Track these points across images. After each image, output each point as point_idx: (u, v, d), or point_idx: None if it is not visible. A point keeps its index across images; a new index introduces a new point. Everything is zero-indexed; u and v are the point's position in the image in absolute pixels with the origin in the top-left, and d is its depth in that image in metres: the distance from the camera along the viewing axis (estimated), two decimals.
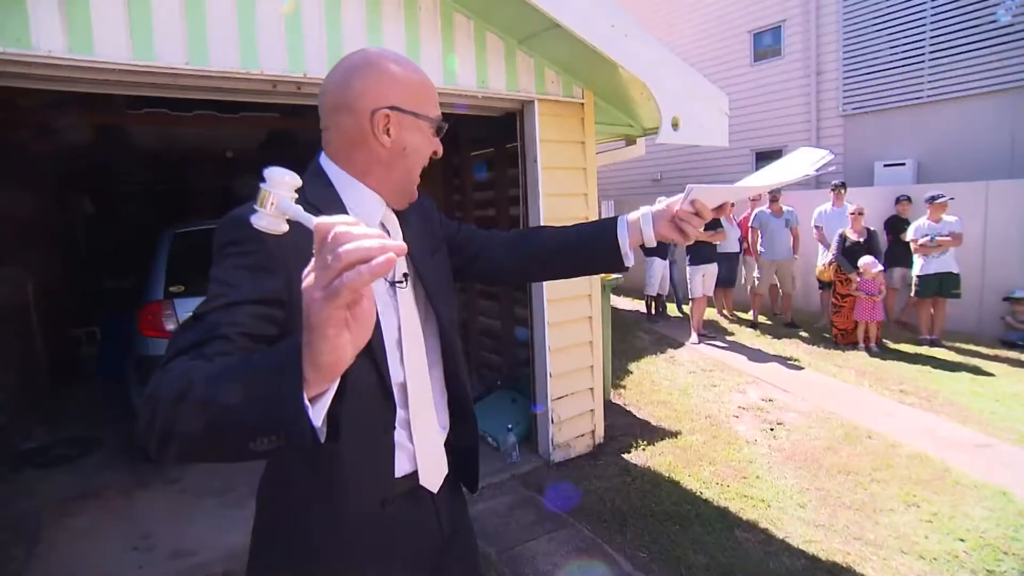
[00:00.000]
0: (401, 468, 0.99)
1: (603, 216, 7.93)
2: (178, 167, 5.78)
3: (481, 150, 4.82)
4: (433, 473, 1.03)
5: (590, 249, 1.12)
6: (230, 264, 0.82)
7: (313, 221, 0.57)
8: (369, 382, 0.92)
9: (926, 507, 2.99)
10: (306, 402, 0.60)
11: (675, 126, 3.22)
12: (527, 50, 3.18)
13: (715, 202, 1.02)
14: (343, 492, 0.92)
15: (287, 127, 4.21)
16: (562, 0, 2.72)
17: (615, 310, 8.54)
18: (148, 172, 5.98)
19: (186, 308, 3.32)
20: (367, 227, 0.56)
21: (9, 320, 4.26)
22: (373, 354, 0.91)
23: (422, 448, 1.01)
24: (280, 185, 0.64)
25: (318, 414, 0.63)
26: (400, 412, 0.98)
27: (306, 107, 3.31)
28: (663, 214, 1.06)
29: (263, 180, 0.64)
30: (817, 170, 1.06)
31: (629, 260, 1.11)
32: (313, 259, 0.56)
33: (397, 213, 1.05)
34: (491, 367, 5.02)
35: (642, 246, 1.10)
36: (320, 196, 0.93)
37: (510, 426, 3.71)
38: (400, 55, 0.96)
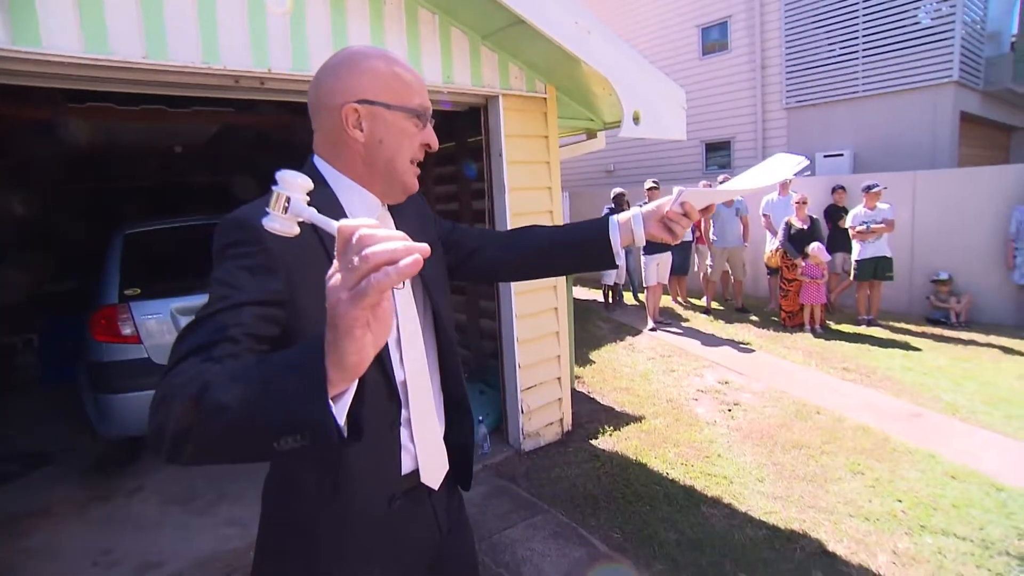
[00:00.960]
0: (405, 466, 1.00)
1: (564, 208, 7.87)
2: (122, 162, 5.47)
3: (444, 144, 4.80)
4: (434, 471, 1.05)
5: (583, 248, 1.16)
6: (232, 266, 0.82)
7: (333, 224, 0.59)
8: (375, 380, 0.93)
9: (869, 474, 3.25)
10: (330, 402, 0.62)
11: (636, 120, 3.32)
12: (492, 46, 3.20)
13: (702, 204, 1.08)
14: (351, 490, 0.93)
15: (240, 122, 4.06)
16: None
17: (574, 300, 8.71)
18: (89, 169, 5.63)
19: (144, 312, 3.17)
20: (389, 229, 0.58)
21: None
22: (379, 353, 0.92)
23: (423, 446, 1.02)
24: (293, 187, 0.65)
25: (340, 413, 0.64)
26: (403, 410, 0.99)
27: (264, 102, 3.23)
28: (653, 215, 1.10)
29: (275, 183, 0.65)
30: (796, 174, 1.14)
31: (620, 259, 1.16)
32: (336, 261, 0.58)
33: (392, 210, 1.06)
34: None
35: None
36: (317, 197, 0.93)
37: (480, 418, 3.76)
38: (379, 49, 0.96)
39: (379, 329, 0.61)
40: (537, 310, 3.69)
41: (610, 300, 8.02)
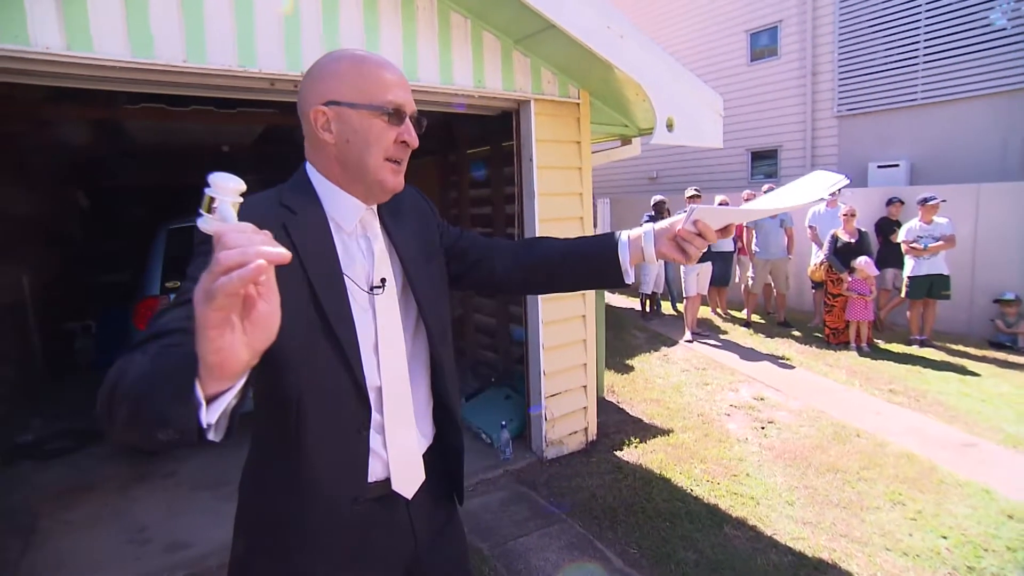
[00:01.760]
0: (375, 473, 0.99)
1: (597, 215, 7.91)
2: (175, 162, 5.77)
3: (478, 148, 4.85)
4: (407, 480, 1.03)
5: (591, 265, 1.11)
6: (200, 263, 0.84)
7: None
8: (342, 383, 0.93)
9: (911, 505, 3.05)
10: (199, 398, 0.62)
11: (670, 127, 3.26)
12: (524, 50, 3.20)
13: (719, 223, 1.00)
14: (313, 488, 0.93)
15: (284, 123, 4.21)
16: (558, 1, 2.74)
17: (610, 307, 8.59)
18: (144, 167, 5.97)
19: None
20: (261, 235, 0.59)
21: (5, 315, 4.26)
22: (345, 356, 0.92)
23: (396, 454, 1.01)
24: (223, 191, 0.65)
25: (213, 412, 0.64)
26: (376, 416, 0.98)
27: None
28: (665, 232, 1.04)
29: (207, 185, 0.66)
30: (832, 194, 1.04)
31: (629, 278, 1.09)
32: None
33: (390, 217, 1.05)
34: (487, 364, 5.05)
35: None
36: (295, 199, 0.95)
37: (504, 423, 3.75)
38: (351, 51, 0.96)
39: (255, 332, 0.61)
40: (564, 317, 3.65)
41: (647, 309, 7.89)
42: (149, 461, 3.66)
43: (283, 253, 0.59)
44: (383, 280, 0.99)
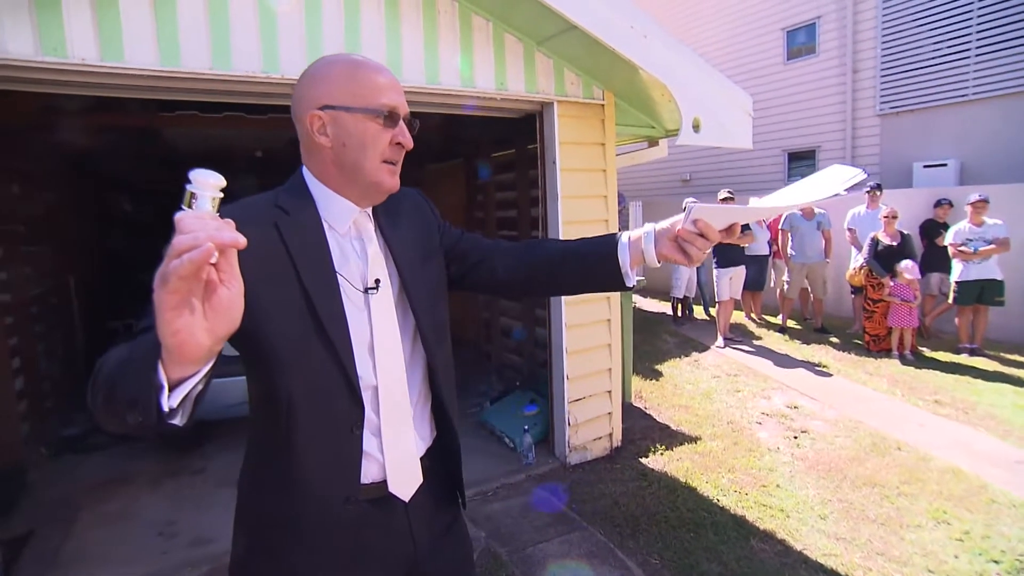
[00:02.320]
0: (370, 474, 0.98)
1: (629, 218, 7.82)
2: (213, 167, 5.96)
3: (503, 151, 4.84)
4: (403, 482, 1.02)
5: (590, 266, 1.08)
6: None
7: None
8: (334, 382, 0.93)
9: (957, 525, 2.87)
10: (160, 381, 0.63)
11: (696, 128, 3.17)
12: (546, 52, 3.18)
13: (722, 222, 0.95)
14: (305, 486, 0.93)
15: None
16: (580, 2, 2.70)
17: (640, 311, 8.46)
18: (183, 171, 6.18)
19: None
20: (218, 222, 0.61)
21: (53, 315, 4.47)
22: (338, 354, 0.92)
23: (392, 455, 1.00)
24: (203, 186, 0.66)
25: (176, 396, 0.65)
26: (371, 416, 0.98)
27: None
28: (665, 233, 1.00)
29: (188, 181, 0.67)
30: (847, 190, 0.96)
31: (630, 280, 1.05)
32: None
33: (386, 219, 1.05)
34: (512, 367, 5.03)
35: None
36: (289, 201, 0.96)
37: (526, 427, 3.72)
38: (345, 55, 0.96)
39: (216, 317, 0.63)
40: (588, 321, 3.60)
41: (679, 314, 7.74)
42: (179, 457, 3.77)
43: (236, 238, 0.60)
44: (377, 281, 0.99)
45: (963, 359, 5.62)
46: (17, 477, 3.35)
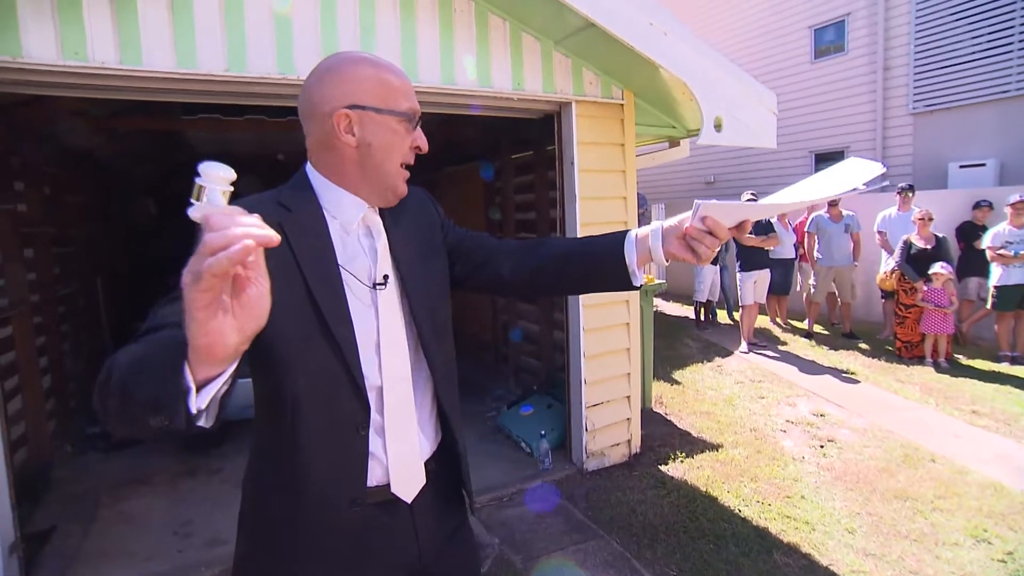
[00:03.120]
0: (375, 476, 0.97)
1: (652, 220, 7.71)
2: (236, 170, 6.06)
3: (522, 152, 4.80)
4: (406, 483, 1.00)
5: (596, 264, 1.05)
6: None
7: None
8: (340, 382, 0.92)
9: (999, 544, 2.72)
10: (188, 383, 0.62)
11: (718, 127, 3.09)
12: (564, 51, 3.13)
13: (731, 220, 0.92)
14: (310, 487, 0.92)
15: None
16: None
17: (663, 316, 8.33)
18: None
19: None
20: (250, 217, 0.59)
21: (81, 314, 4.58)
22: (343, 353, 0.91)
23: (396, 456, 0.99)
24: (212, 179, 0.66)
25: (203, 397, 0.64)
26: (376, 417, 0.96)
27: None
28: (673, 230, 0.97)
29: (197, 174, 0.66)
30: (867, 184, 0.92)
31: (637, 279, 1.02)
32: None
33: (388, 216, 1.04)
34: (530, 371, 4.98)
35: None
36: (293, 198, 0.95)
37: (543, 432, 3.66)
38: (366, 55, 0.96)
39: (244, 316, 0.61)
40: (606, 324, 3.53)
41: (702, 318, 7.59)
42: (198, 456, 3.81)
43: (271, 235, 0.58)
44: (386, 277, 0.98)
45: (1003, 368, 5.37)
46: (43, 473, 3.43)
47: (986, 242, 5.56)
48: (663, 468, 3.55)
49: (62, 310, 4.14)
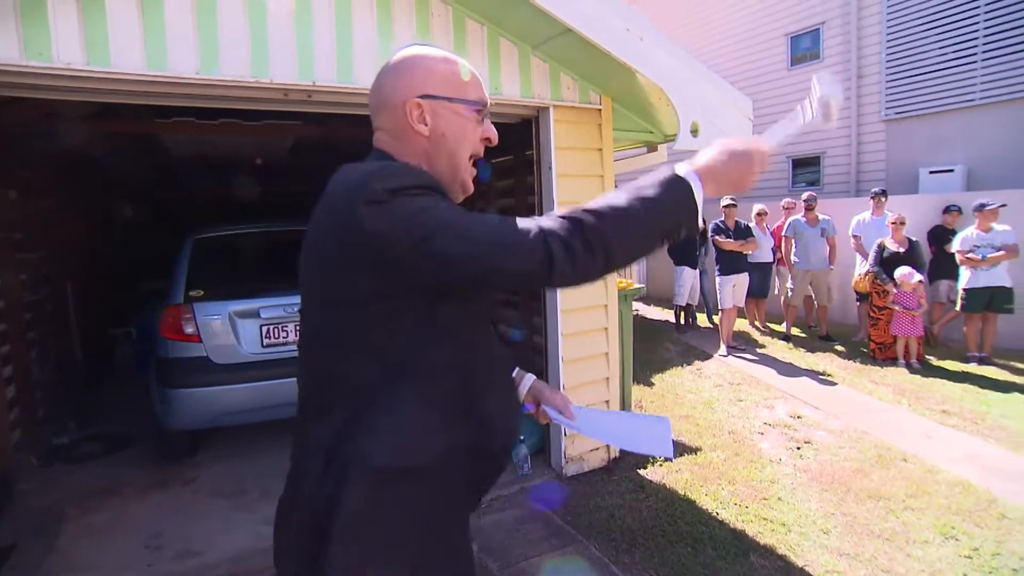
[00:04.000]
0: None
1: None
2: (214, 174, 5.97)
3: (501, 157, 4.80)
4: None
5: None
6: (430, 200, 0.87)
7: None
8: (492, 335, 1.07)
9: (966, 541, 2.77)
10: (699, 201, 0.92)
11: (695, 132, 3.12)
12: (542, 56, 3.14)
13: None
14: (490, 428, 0.99)
15: (310, 135, 4.27)
16: (573, 4, 2.66)
17: (643, 319, 8.38)
18: (184, 179, 6.20)
19: (205, 312, 3.37)
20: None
21: (48, 320, 4.45)
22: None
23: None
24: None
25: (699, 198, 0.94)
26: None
27: (327, 116, 3.36)
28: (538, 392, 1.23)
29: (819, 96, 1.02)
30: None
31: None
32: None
33: None
34: None
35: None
36: None
37: (522, 437, 3.65)
38: (433, 47, 1.00)
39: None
40: (585, 329, 3.54)
41: (682, 322, 7.65)
42: (171, 466, 3.72)
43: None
44: None
45: (972, 368, 5.51)
46: (6, 486, 3.31)
47: (955, 246, 5.71)
48: (642, 472, 3.56)
49: (29, 317, 4.02)
